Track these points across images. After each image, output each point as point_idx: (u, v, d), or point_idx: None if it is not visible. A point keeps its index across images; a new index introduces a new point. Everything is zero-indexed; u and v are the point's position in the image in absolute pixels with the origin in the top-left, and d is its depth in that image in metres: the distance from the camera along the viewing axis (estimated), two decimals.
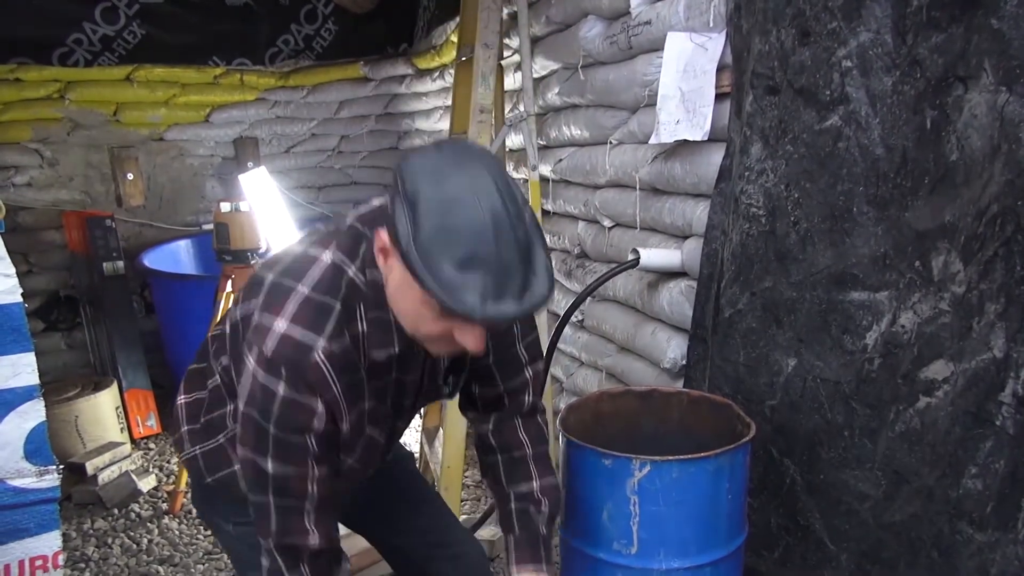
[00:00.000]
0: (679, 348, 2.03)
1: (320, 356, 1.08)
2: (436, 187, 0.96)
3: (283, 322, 1.08)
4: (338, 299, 1.10)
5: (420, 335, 1.10)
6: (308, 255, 1.14)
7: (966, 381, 1.22)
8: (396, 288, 1.07)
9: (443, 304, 0.96)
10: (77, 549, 3.02)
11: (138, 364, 4.09)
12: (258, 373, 1.09)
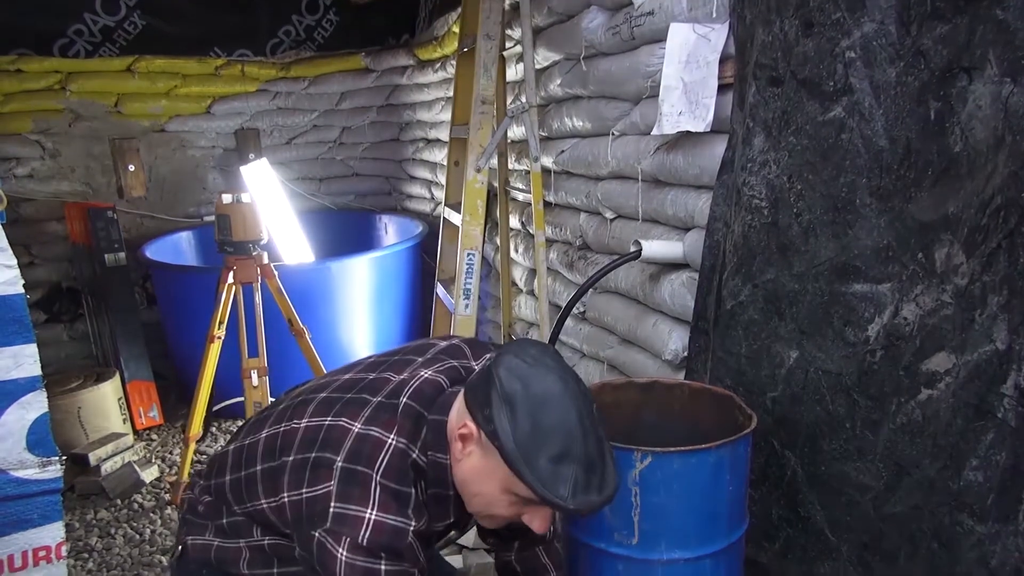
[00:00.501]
0: (680, 340, 2.03)
1: (412, 537, 1.18)
2: (529, 389, 1.12)
3: (371, 511, 1.17)
4: (410, 485, 1.20)
5: (488, 514, 1.23)
6: (373, 437, 1.21)
7: (968, 373, 1.21)
8: (475, 473, 1.19)
9: (539, 495, 1.09)
10: (80, 539, 3.03)
11: (140, 355, 4.10)
12: (355, 560, 1.16)
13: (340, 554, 1.16)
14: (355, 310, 4.10)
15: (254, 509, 1.33)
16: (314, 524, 1.19)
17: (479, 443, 1.16)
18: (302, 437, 1.27)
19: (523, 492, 1.13)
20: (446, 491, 1.24)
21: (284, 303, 3.19)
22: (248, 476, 1.34)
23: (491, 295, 3.67)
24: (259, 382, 2.93)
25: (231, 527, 1.38)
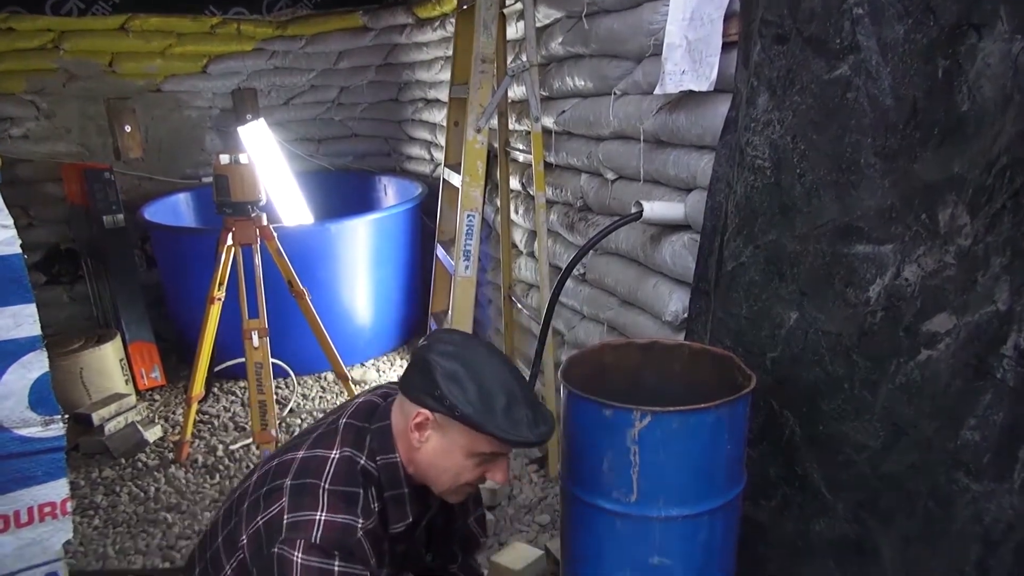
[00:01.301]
0: (681, 301, 2.03)
1: (361, 534, 1.27)
2: (464, 363, 1.27)
3: (322, 514, 1.26)
4: (359, 486, 1.31)
5: (457, 485, 1.34)
6: (316, 456, 1.33)
7: (968, 334, 1.21)
8: (439, 452, 1.31)
9: (507, 440, 1.25)
10: (86, 497, 3.07)
11: (141, 317, 4.10)
12: (310, 561, 1.23)
13: (296, 558, 1.23)
14: (355, 272, 4.10)
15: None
16: (272, 542, 1.26)
17: (435, 425, 1.29)
18: (253, 491, 1.36)
19: (487, 447, 1.28)
20: (401, 490, 1.35)
21: (284, 265, 3.19)
22: (215, 552, 1.40)
23: (491, 257, 3.67)
24: (260, 343, 2.94)
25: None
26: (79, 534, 2.80)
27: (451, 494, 1.37)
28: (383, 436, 1.35)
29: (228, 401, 3.95)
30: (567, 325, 2.85)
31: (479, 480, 1.34)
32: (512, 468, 3.18)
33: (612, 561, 1.46)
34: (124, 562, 2.65)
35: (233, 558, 1.38)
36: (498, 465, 1.33)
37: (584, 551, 1.51)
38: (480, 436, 1.26)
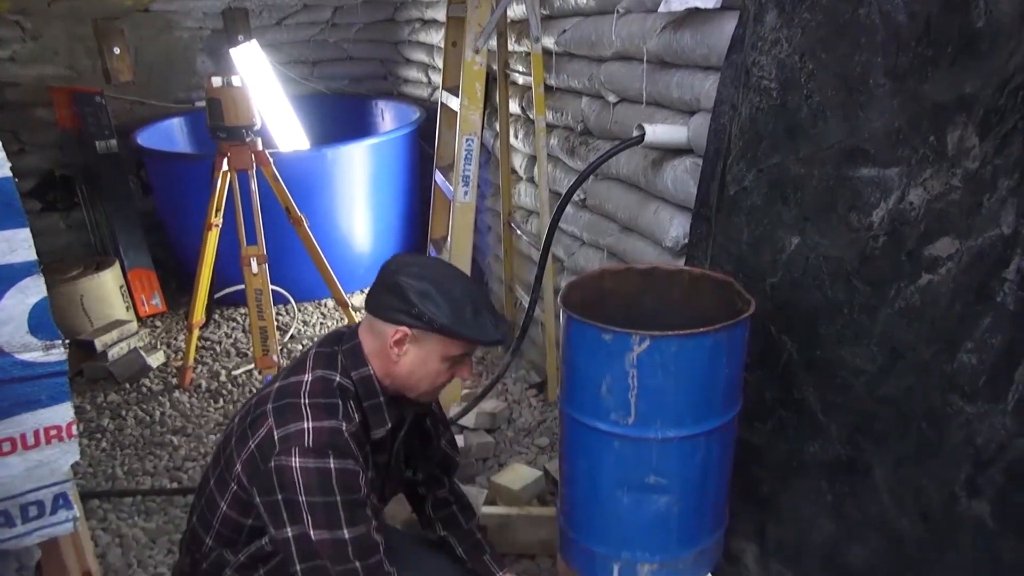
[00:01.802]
0: (682, 227, 2.01)
1: (347, 434, 1.38)
2: (432, 279, 1.41)
3: (308, 422, 1.36)
4: (336, 397, 1.42)
5: (432, 388, 1.50)
6: (291, 382, 1.44)
7: (971, 258, 1.20)
8: (417, 363, 1.44)
9: (478, 341, 1.42)
10: (92, 421, 3.13)
11: (139, 244, 4.09)
12: (307, 463, 1.33)
13: (294, 463, 1.33)
14: (353, 198, 4.06)
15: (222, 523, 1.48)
16: (267, 458, 1.35)
17: (413, 339, 1.42)
18: (238, 429, 1.46)
19: (459, 350, 1.43)
20: (378, 399, 1.47)
21: (280, 190, 3.15)
22: (208, 496, 1.51)
23: (490, 183, 3.62)
24: (258, 270, 2.94)
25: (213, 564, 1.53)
26: (87, 456, 2.87)
27: (426, 395, 1.52)
28: (355, 354, 1.47)
29: (229, 328, 3.98)
30: (567, 251, 2.84)
31: (450, 378, 1.50)
32: (512, 393, 3.23)
33: (609, 481, 1.49)
34: (133, 483, 2.72)
35: (227, 493, 1.46)
36: (465, 364, 1.49)
37: (582, 471, 1.54)
38: (454, 342, 1.41)
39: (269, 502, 1.36)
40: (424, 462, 1.79)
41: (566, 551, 1.68)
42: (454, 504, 1.83)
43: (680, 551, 1.54)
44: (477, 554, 1.78)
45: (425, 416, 1.75)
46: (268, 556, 1.49)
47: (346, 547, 1.35)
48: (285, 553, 1.36)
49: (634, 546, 1.53)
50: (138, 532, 2.44)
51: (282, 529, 1.34)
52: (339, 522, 1.34)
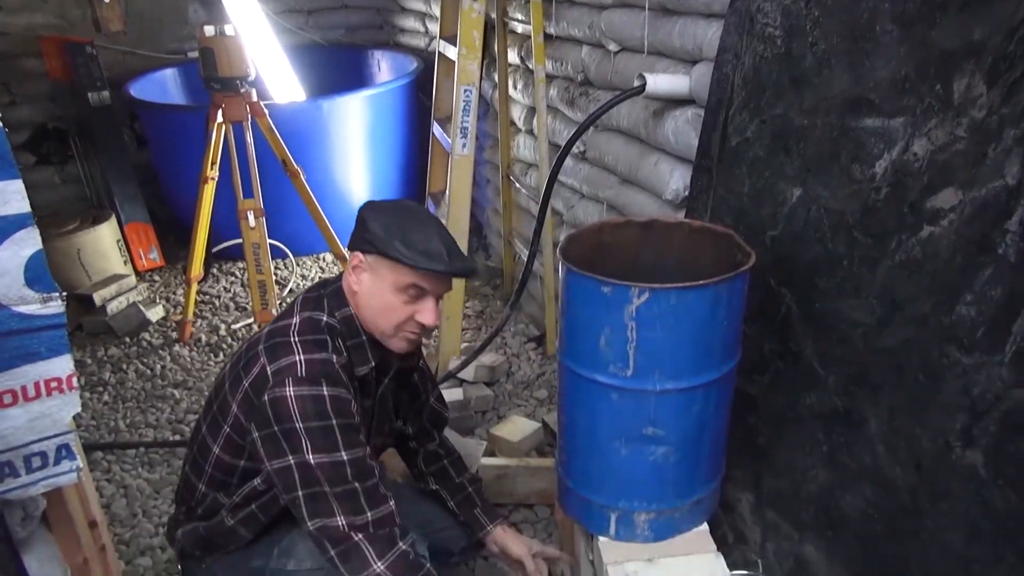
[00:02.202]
0: (682, 179, 1.99)
1: (337, 366, 1.42)
2: (393, 213, 1.45)
3: (300, 355, 1.40)
4: (324, 334, 1.46)
5: (391, 325, 1.47)
6: (280, 324, 1.48)
7: (974, 210, 1.19)
8: (372, 291, 1.46)
9: (422, 267, 1.38)
10: (94, 374, 3.15)
11: (135, 197, 4.06)
12: (301, 391, 1.37)
13: (288, 393, 1.36)
14: (350, 150, 4.02)
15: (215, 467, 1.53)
16: (262, 393, 1.39)
17: (368, 266, 1.45)
18: (230, 374, 1.50)
19: (406, 279, 1.41)
20: (360, 338, 1.50)
21: (276, 143, 3.12)
22: (200, 442, 1.55)
23: (489, 135, 3.58)
24: (256, 223, 2.93)
25: (208, 509, 1.58)
26: (90, 409, 2.89)
27: (393, 339, 1.50)
28: (338, 295, 1.51)
29: (228, 282, 3.98)
30: (566, 204, 2.82)
31: (413, 324, 1.47)
32: (511, 346, 3.25)
33: (607, 432, 1.50)
34: (135, 435, 2.75)
35: (220, 436, 1.50)
36: (425, 305, 1.46)
37: (580, 423, 1.55)
38: (400, 268, 1.40)
39: (267, 435, 1.38)
40: (414, 416, 1.83)
41: (564, 501, 1.71)
42: (445, 458, 1.87)
43: (676, 500, 1.56)
44: (468, 507, 1.82)
45: (412, 371, 1.78)
46: (260, 494, 1.54)
47: (345, 469, 1.38)
48: (285, 482, 1.39)
49: (631, 496, 1.55)
50: (142, 483, 2.48)
51: (283, 459, 1.37)
52: (337, 445, 1.37)
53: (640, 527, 1.57)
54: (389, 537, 1.40)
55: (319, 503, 1.37)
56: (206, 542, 1.60)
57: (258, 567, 1.58)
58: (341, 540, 1.37)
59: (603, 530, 1.60)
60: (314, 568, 1.53)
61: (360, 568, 1.37)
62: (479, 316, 3.57)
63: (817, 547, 1.59)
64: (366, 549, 1.38)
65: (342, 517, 1.37)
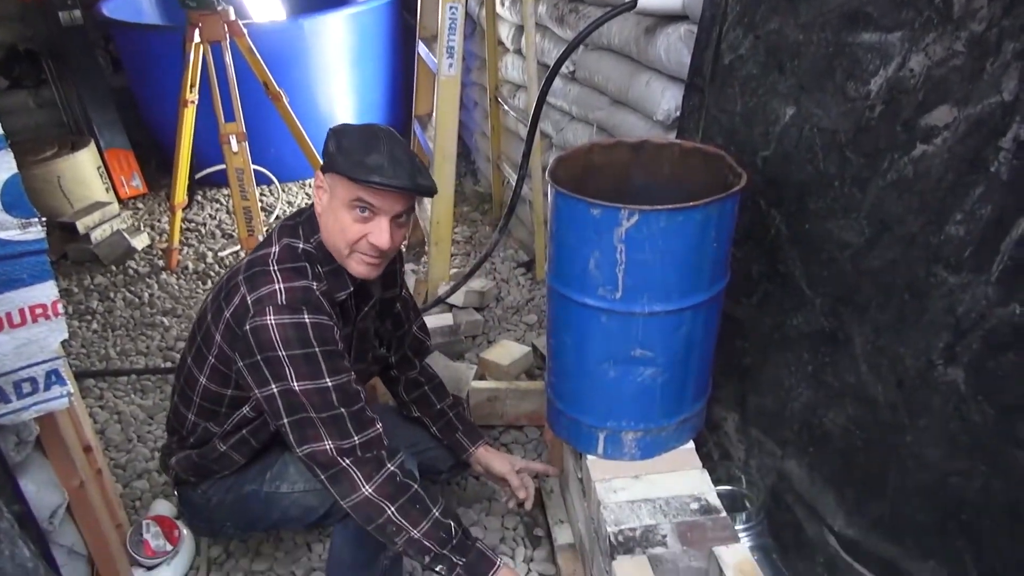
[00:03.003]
0: (674, 99, 1.95)
1: (317, 292, 1.42)
2: (353, 131, 1.42)
3: (279, 283, 1.40)
4: (303, 261, 1.45)
5: (344, 244, 1.43)
6: (259, 254, 1.47)
7: (968, 127, 1.17)
8: (331, 209, 1.43)
9: (359, 178, 1.34)
10: (81, 303, 3.14)
11: (113, 123, 3.96)
12: (282, 319, 1.36)
13: (270, 321, 1.36)
14: (333, 72, 3.91)
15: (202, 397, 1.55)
16: (243, 323, 1.39)
17: (326, 185, 1.43)
18: (212, 305, 1.51)
19: (353, 192, 1.38)
20: (336, 263, 1.48)
21: (257, 64, 3.02)
22: (187, 373, 1.57)
23: (476, 56, 3.48)
24: (239, 148, 2.87)
25: (199, 439, 1.61)
26: (79, 338, 2.89)
27: (349, 261, 1.46)
28: (311, 221, 1.50)
29: (213, 209, 3.93)
30: (555, 127, 2.77)
31: (366, 245, 1.43)
32: (500, 272, 3.25)
33: (596, 354, 1.51)
34: (127, 362, 2.76)
35: (206, 366, 1.51)
36: (376, 223, 1.41)
37: (569, 346, 1.56)
38: (345, 182, 1.37)
39: (251, 364, 1.39)
40: (397, 345, 1.85)
41: (554, 422, 1.74)
42: (426, 385, 1.89)
43: (663, 420, 1.59)
44: (449, 432, 1.86)
45: (395, 301, 1.78)
46: (250, 421, 1.56)
47: (330, 395, 1.39)
48: (272, 409, 1.41)
49: (619, 416, 1.57)
50: (135, 409, 2.50)
51: (266, 387, 1.39)
52: (320, 372, 1.38)
53: (628, 446, 1.60)
54: (376, 460, 1.42)
55: (306, 429, 1.39)
56: (199, 468, 1.63)
57: (252, 491, 1.61)
58: (329, 465, 1.40)
59: (592, 449, 1.64)
60: (307, 490, 1.56)
61: (349, 491, 1.40)
62: (468, 241, 3.55)
63: (799, 463, 1.63)
64: (354, 473, 1.40)
65: (329, 442, 1.39)
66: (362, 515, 1.41)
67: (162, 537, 1.85)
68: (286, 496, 1.58)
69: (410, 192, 1.40)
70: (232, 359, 1.43)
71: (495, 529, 2.01)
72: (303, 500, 1.57)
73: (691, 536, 1.42)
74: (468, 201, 3.94)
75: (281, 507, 1.59)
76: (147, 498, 2.12)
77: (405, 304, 1.85)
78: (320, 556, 1.94)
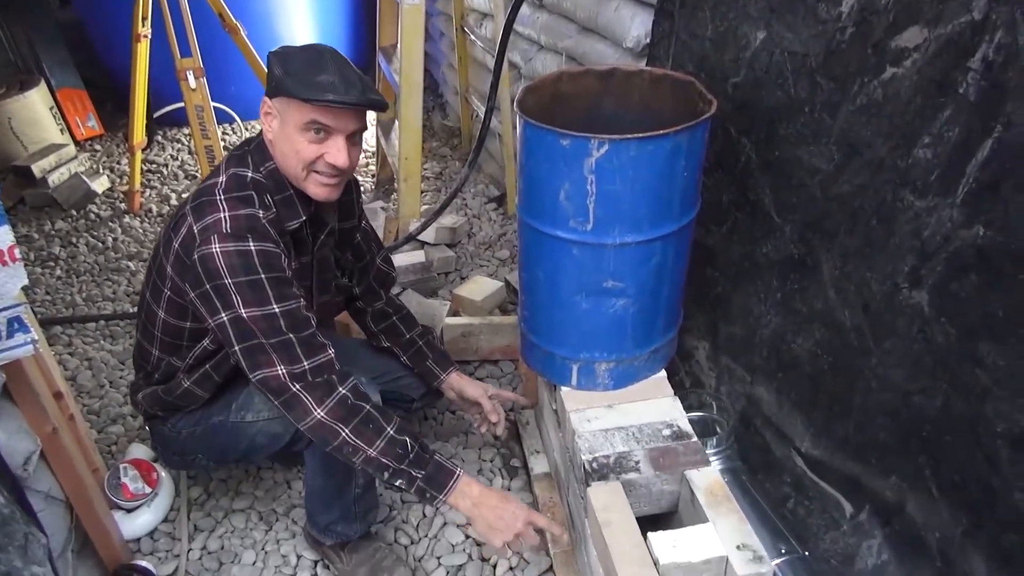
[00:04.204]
0: (643, 25, 1.91)
1: (263, 220, 1.41)
2: (296, 52, 1.39)
3: (225, 212, 1.39)
4: (250, 190, 1.43)
5: (301, 167, 1.42)
6: (207, 184, 1.46)
7: (938, 48, 1.16)
8: (281, 134, 1.42)
9: (312, 98, 1.33)
10: (43, 249, 3.06)
11: (64, 61, 3.80)
12: (227, 247, 1.36)
13: (215, 250, 1.36)
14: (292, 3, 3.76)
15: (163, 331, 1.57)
16: (190, 253, 1.39)
17: (275, 110, 1.42)
18: (163, 239, 1.50)
19: (306, 114, 1.37)
20: (287, 192, 1.48)
21: None
22: (146, 309, 1.58)
23: None
24: (197, 84, 2.77)
25: (164, 374, 1.63)
26: (43, 285, 2.83)
27: (308, 183, 1.46)
28: (261, 149, 1.49)
29: (174, 149, 3.82)
30: (524, 57, 2.71)
31: (323, 164, 1.42)
32: (471, 207, 3.22)
33: (568, 287, 1.52)
34: (94, 308, 2.72)
35: (162, 300, 1.52)
36: (331, 143, 1.41)
37: (542, 279, 1.56)
38: (296, 104, 1.37)
39: (201, 293, 1.40)
40: (360, 275, 1.86)
41: (528, 355, 1.75)
42: (394, 316, 1.90)
43: (635, 350, 1.61)
44: (420, 360, 1.88)
45: (354, 232, 1.79)
46: (212, 354, 1.58)
47: (278, 321, 1.39)
48: (224, 337, 1.41)
49: (592, 347, 1.59)
50: (106, 355, 2.48)
51: (217, 315, 1.39)
52: (268, 298, 1.38)
53: (600, 376, 1.63)
54: (327, 384, 1.42)
55: (257, 356, 1.39)
56: (166, 404, 1.65)
57: (219, 422, 1.63)
58: (281, 391, 1.40)
59: (565, 381, 1.66)
60: (271, 418, 1.59)
61: (302, 416, 1.41)
62: (438, 177, 3.51)
63: (768, 388, 1.67)
64: (305, 398, 1.40)
65: (280, 367, 1.39)
66: (318, 438, 1.42)
67: (140, 480, 1.86)
68: (252, 425, 1.60)
69: (364, 108, 1.41)
70: (184, 290, 1.44)
71: (472, 461, 2.05)
72: (268, 428, 1.60)
73: (663, 461, 1.46)
74: (437, 136, 3.87)
75: (248, 436, 1.62)
76: (123, 443, 2.12)
77: (366, 235, 1.84)
78: (299, 493, 1.96)
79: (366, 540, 1.75)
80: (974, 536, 1.17)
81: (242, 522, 1.89)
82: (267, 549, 1.83)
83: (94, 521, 1.67)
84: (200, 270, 1.37)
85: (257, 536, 1.86)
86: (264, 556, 1.81)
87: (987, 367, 1.11)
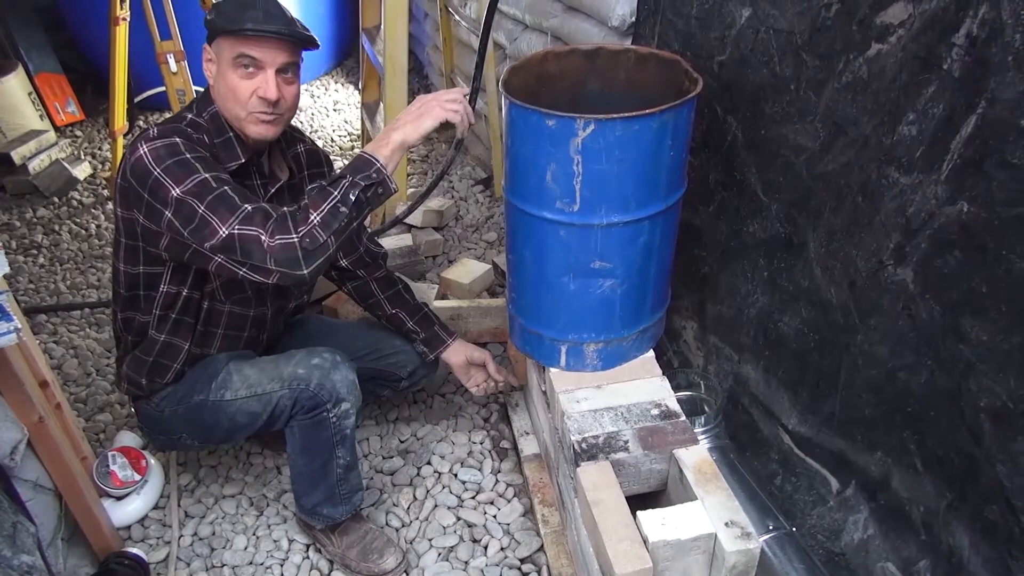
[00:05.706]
0: (629, 4, 1.90)
1: (187, 126, 1.48)
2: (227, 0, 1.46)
3: (152, 129, 1.45)
4: (181, 123, 1.49)
5: (239, 106, 1.48)
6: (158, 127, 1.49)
7: (922, 24, 1.16)
8: (219, 79, 1.49)
9: (233, 28, 1.41)
10: (25, 237, 3.03)
11: (42, 44, 3.74)
12: (154, 144, 1.40)
13: (143, 151, 1.40)
14: None
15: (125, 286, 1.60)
16: (125, 175, 1.44)
17: (212, 55, 1.50)
18: None
19: (235, 48, 1.43)
20: (227, 135, 1.53)
21: None
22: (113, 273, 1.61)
23: None
24: (178, 68, 2.73)
25: (136, 333, 1.65)
26: (26, 273, 2.81)
27: (247, 123, 1.51)
28: (204, 97, 1.56)
29: None
30: (509, 37, 2.69)
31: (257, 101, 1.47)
32: (458, 190, 3.20)
33: (555, 268, 1.52)
34: (78, 296, 2.70)
35: (120, 250, 1.57)
36: (263, 78, 1.46)
37: (529, 260, 1.56)
38: (224, 40, 1.44)
39: (146, 206, 1.42)
40: (349, 252, 1.86)
41: (516, 337, 1.75)
42: (399, 284, 1.92)
43: (624, 331, 1.61)
44: (427, 324, 1.89)
45: None
46: (174, 298, 1.59)
47: (208, 181, 1.38)
48: (175, 234, 1.40)
49: (580, 328, 1.59)
50: (91, 343, 2.46)
51: (163, 217, 1.39)
52: (195, 169, 1.40)
53: (589, 357, 1.63)
54: (264, 212, 1.36)
55: (203, 229, 1.35)
56: (149, 367, 1.64)
57: (200, 401, 1.64)
58: (231, 245, 1.35)
59: (554, 362, 1.66)
60: (249, 396, 1.59)
61: (256, 251, 1.34)
62: (424, 160, 3.49)
63: (755, 366, 1.68)
64: (248, 232, 1.34)
65: (222, 223, 1.34)
66: (290, 258, 1.34)
67: (129, 468, 1.85)
68: (231, 404, 1.61)
69: (287, 38, 1.45)
70: (133, 219, 1.46)
71: (463, 444, 2.05)
72: (246, 407, 1.60)
73: (652, 440, 1.47)
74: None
75: (228, 414, 1.62)
76: (111, 431, 2.11)
77: None
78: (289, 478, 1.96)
79: (356, 522, 1.76)
80: (957, 509, 1.19)
81: (233, 508, 1.89)
82: (258, 534, 1.83)
83: (83, 509, 1.66)
84: (134, 181, 1.41)
85: (248, 521, 1.86)
86: (256, 541, 1.81)
87: (970, 342, 1.12)
